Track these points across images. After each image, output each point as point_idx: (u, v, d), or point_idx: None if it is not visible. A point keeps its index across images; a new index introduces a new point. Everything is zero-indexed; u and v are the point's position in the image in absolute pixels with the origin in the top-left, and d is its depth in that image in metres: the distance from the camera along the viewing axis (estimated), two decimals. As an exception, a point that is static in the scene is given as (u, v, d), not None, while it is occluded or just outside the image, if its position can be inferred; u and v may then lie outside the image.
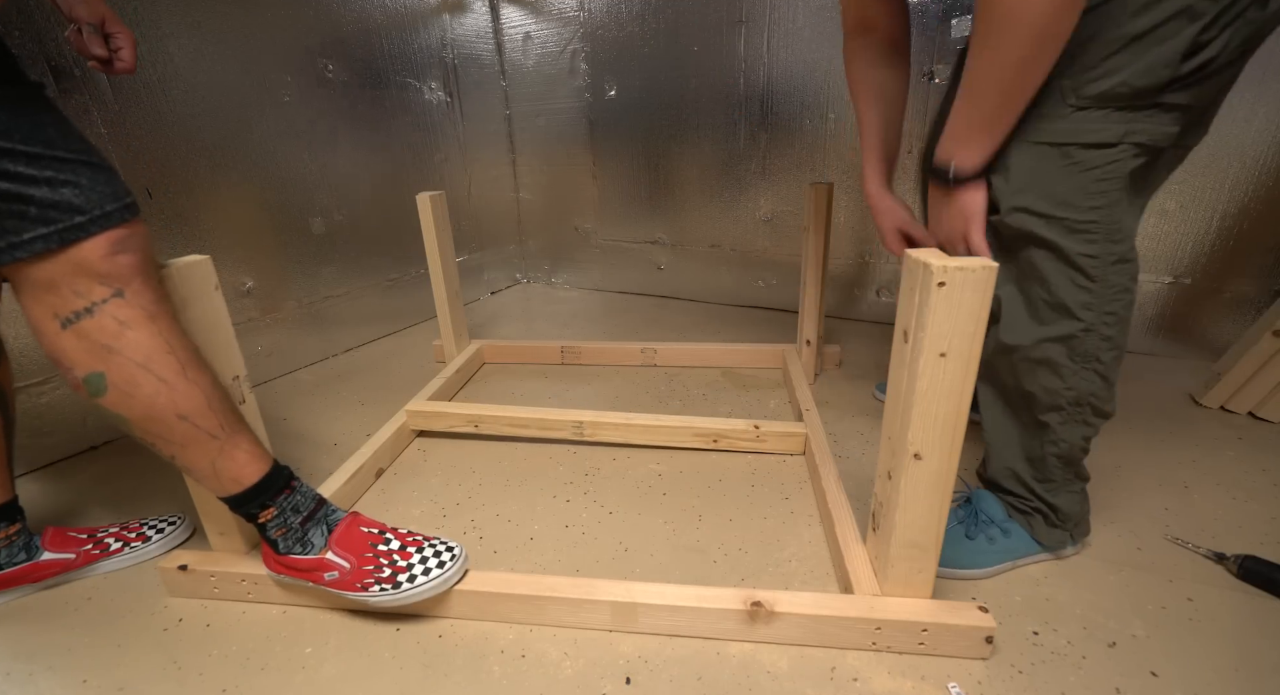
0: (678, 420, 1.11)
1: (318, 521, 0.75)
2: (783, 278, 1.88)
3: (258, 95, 1.38)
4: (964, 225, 0.71)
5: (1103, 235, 0.65)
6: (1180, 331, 1.44)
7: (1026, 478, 0.80)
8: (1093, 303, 0.68)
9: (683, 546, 0.88)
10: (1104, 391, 0.73)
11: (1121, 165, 0.62)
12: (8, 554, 0.79)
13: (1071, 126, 0.62)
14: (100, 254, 0.58)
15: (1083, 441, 0.76)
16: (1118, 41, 0.58)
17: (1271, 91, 1.21)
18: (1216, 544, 0.84)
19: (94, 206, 0.58)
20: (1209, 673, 0.66)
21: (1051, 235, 0.66)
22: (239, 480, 0.70)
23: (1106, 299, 0.68)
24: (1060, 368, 0.71)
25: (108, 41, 0.75)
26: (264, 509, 0.72)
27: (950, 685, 0.65)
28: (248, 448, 0.71)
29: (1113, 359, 0.71)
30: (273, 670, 0.70)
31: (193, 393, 0.65)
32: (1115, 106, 0.60)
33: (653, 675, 0.68)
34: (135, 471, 1.12)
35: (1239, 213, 1.31)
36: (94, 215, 0.58)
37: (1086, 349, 0.70)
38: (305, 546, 0.73)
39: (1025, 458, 0.79)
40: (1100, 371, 0.71)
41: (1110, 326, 0.69)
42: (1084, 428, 0.75)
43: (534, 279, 2.38)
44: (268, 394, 1.43)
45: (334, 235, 1.62)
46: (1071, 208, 0.65)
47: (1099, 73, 0.59)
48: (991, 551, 0.80)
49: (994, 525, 0.81)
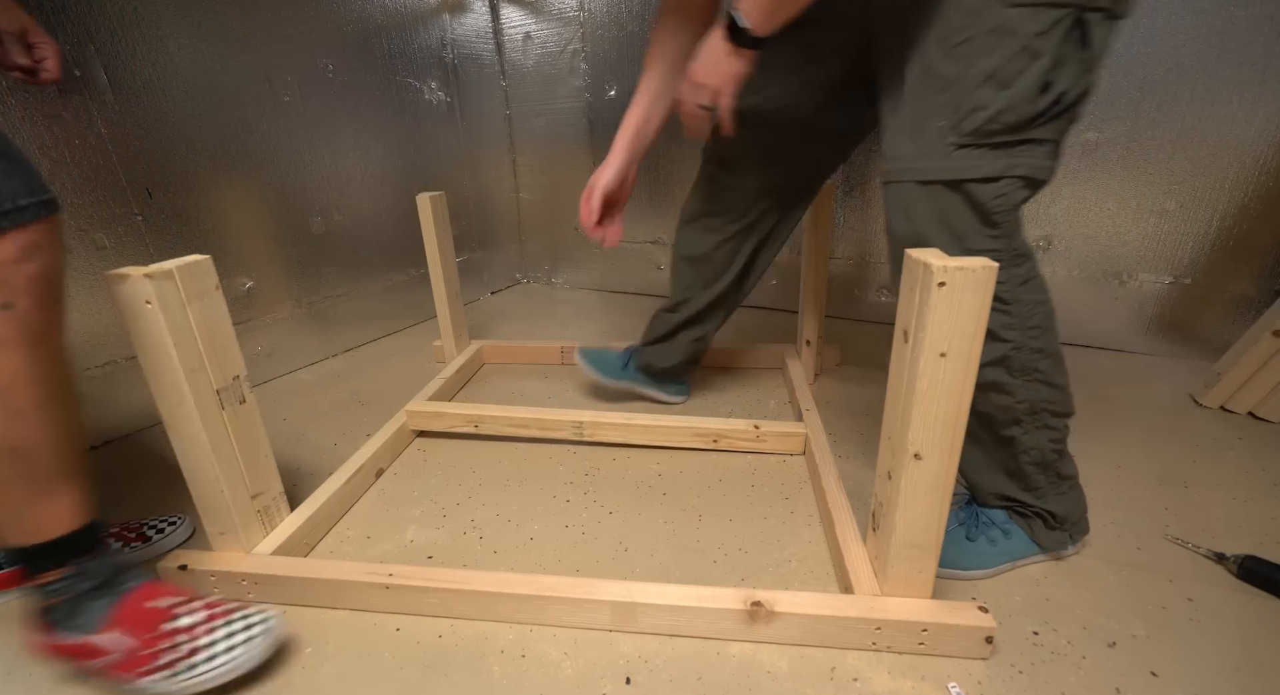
0: (677, 420, 1.11)
1: (104, 593, 0.65)
2: (783, 278, 1.88)
3: (258, 95, 1.38)
4: (724, 82, 0.75)
5: (1007, 262, 0.68)
6: (1180, 331, 1.44)
7: (1014, 492, 0.81)
8: (1014, 323, 0.71)
9: (683, 546, 0.88)
10: (1055, 395, 0.75)
11: (1010, 197, 0.67)
12: (6, 554, 0.79)
13: (958, 164, 0.66)
14: (3, 256, 0.52)
15: (1052, 444, 0.77)
16: (978, 78, 0.63)
17: (1271, 91, 1.21)
18: (1216, 544, 0.84)
19: (4, 200, 0.52)
20: (1209, 673, 0.66)
21: None
22: (40, 531, 0.61)
23: (1025, 317, 0.71)
24: (1005, 385, 0.74)
25: (32, 51, 0.73)
26: (57, 567, 0.62)
27: (950, 685, 0.65)
28: (70, 499, 0.63)
29: (1051, 366, 0.74)
30: (273, 670, 0.70)
31: (41, 429, 0.58)
32: (992, 144, 0.64)
33: (653, 675, 0.68)
34: (135, 471, 1.12)
35: (1239, 213, 1.31)
36: (4, 209, 0.52)
37: (1023, 364, 0.73)
38: (78, 622, 0.63)
39: (1005, 473, 0.81)
40: (1043, 380, 0.74)
41: (1037, 339, 0.72)
42: (1049, 431, 0.77)
43: (534, 279, 2.38)
44: (268, 394, 1.43)
45: (334, 235, 1.62)
46: (973, 240, 0.68)
47: (969, 109, 0.64)
48: (992, 553, 0.80)
49: (995, 527, 0.82)
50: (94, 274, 1.16)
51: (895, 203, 0.73)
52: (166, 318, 0.68)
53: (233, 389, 0.77)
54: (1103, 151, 1.37)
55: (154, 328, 0.68)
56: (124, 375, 1.23)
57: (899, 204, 0.72)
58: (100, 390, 1.20)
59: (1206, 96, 1.26)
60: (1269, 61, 1.20)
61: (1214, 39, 1.22)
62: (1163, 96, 1.29)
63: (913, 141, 0.69)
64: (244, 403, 0.79)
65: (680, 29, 0.92)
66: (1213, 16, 1.21)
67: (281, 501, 0.88)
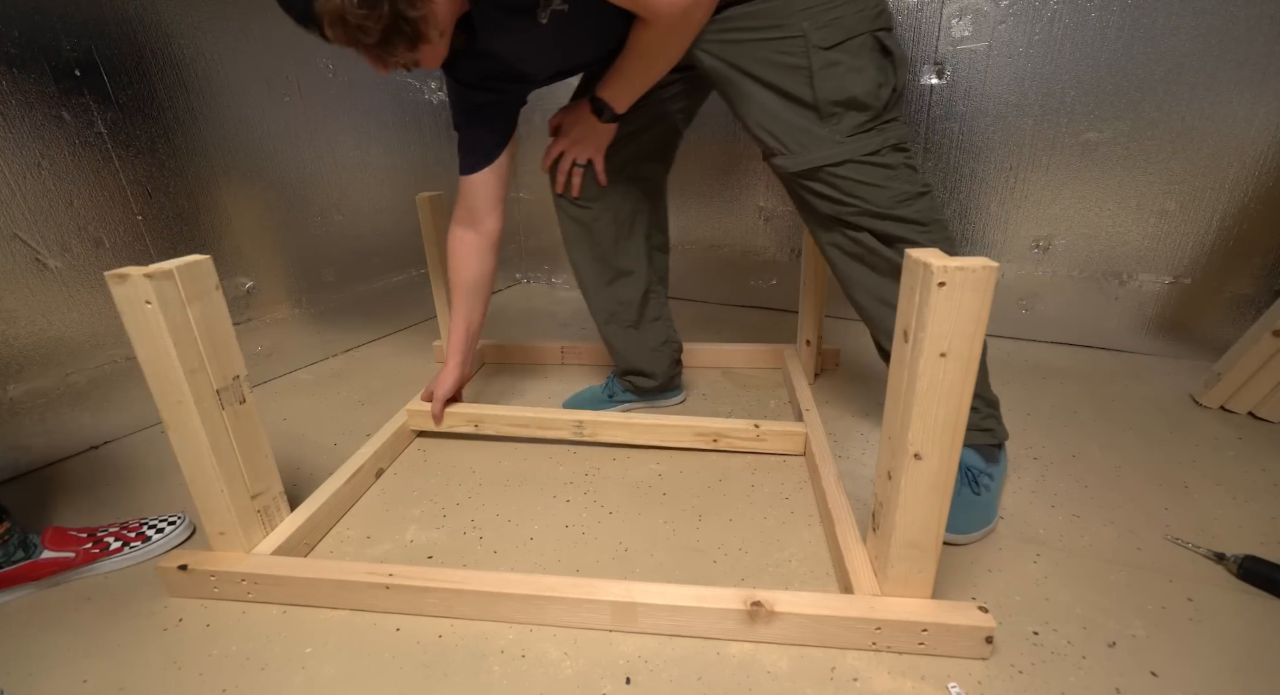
0: (678, 420, 1.11)
1: None
2: (783, 278, 1.88)
3: (258, 95, 1.38)
4: (595, 148, 1.04)
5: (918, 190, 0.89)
6: (1180, 331, 1.44)
7: None
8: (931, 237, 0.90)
9: (683, 546, 0.88)
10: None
11: (892, 156, 0.87)
12: (4, 552, 0.79)
13: (851, 147, 0.85)
14: None
15: None
16: (833, 94, 0.83)
17: (1271, 91, 1.21)
18: (1216, 544, 0.84)
19: None
20: (1209, 673, 0.66)
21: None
22: None
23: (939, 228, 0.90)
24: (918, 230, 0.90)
25: None
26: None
27: (950, 685, 0.65)
28: None
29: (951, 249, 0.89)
30: (273, 670, 0.70)
31: None
32: (865, 129, 0.85)
33: (653, 675, 0.68)
34: (135, 471, 1.12)
35: (1239, 213, 1.31)
36: None
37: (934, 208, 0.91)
38: None
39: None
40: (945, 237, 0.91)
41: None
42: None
43: (534, 279, 2.38)
44: (268, 394, 1.43)
45: (334, 235, 1.62)
46: (877, 199, 0.88)
47: (838, 101, 0.83)
48: (992, 494, 0.90)
49: (981, 471, 0.91)
50: (94, 274, 1.16)
51: (817, 184, 0.90)
52: (166, 318, 0.68)
53: (233, 389, 0.77)
54: (1103, 151, 1.37)
55: (154, 328, 0.68)
56: (124, 375, 1.23)
57: (827, 180, 0.89)
58: (100, 390, 1.20)
59: (1206, 96, 1.26)
60: (1269, 61, 1.20)
61: (1214, 39, 1.22)
62: (1163, 96, 1.29)
63: (812, 144, 0.86)
64: (244, 403, 0.79)
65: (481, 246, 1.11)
66: (1213, 16, 1.21)
67: (281, 501, 0.88)
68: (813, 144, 0.86)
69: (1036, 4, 1.32)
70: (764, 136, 0.89)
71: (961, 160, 1.50)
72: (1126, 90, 1.31)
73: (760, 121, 0.88)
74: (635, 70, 0.90)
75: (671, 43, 0.84)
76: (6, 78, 1.02)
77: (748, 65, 0.85)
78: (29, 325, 1.09)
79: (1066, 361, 1.46)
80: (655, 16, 0.79)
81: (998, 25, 1.37)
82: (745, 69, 0.86)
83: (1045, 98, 1.38)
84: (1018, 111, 1.41)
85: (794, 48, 0.82)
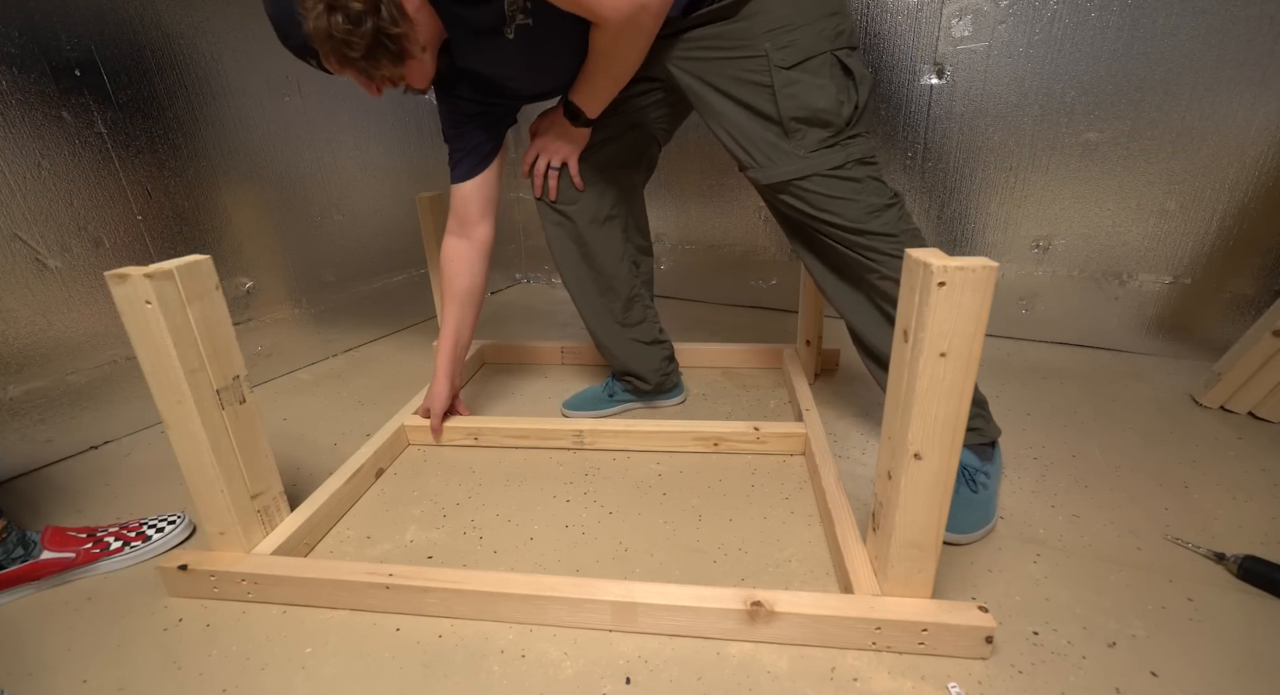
0: (678, 425, 1.11)
1: None
2: (782, 278, 1.88)
3: (258, 95, 1.38)
4: (568, 150, 1.06)
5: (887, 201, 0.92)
6: (1180, 331, 1.44)
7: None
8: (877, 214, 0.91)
9: (683, 546, 0.88)
10: None
11: (858, 170, 0.89)
12: (3, 550, 0.79)
13: (815, 163, 0.88)
14: None
15: None
16: (795, 111, 0.86)
17: (1271, 91, 1.21)
18: (1216, 544, 0.84)
19: None
20: (1209, 673, 0.66)
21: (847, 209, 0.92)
22: None
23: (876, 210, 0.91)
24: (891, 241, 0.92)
25: None
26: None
27: (950, 685, 0.65)
28: None
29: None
30: (273, 670, 0.70)
31: None
32: (828, 144, 0.87)
33: (653, 675, 0.68)
34: (135, 471, 1.12)
35: (1239, 213, 1.31)
36: None
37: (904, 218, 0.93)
38: None
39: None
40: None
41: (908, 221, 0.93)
42: None
43: (534, 279, 2.38)
44: (268, 394, 1.43)
45: (334, 235, 1.62)
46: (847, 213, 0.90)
47: (800, 117, 0.86)
48: (990, 492, 0.90)
49: (976, 469, 0.91)
50: (94, 274, 1.16)
51: (788, 198, 0.93)
52: (166, 318, 0.68)
53: (233, 389, 0.77)
54: (1103, 151, 1.37)
55: (154, 328, 0.68)
56: (124, 375, 1.23)
57: (797, 191, 0.91)
58: (100, 390, 1.20)
59: (1206, 96, 1.26)
60: (1269, 61, 1.20)
61: (1214, 39, 1.22)
62: (1163, 96, 1.29)
63: (778, 157, 0.89)
64: (244, 403, 0.79)
65: (473, 256, 1.11)
66: (1213, 16, 1.21)
67: (281, 501, 0.88)
68: (779, 158, 0.89)
69: (1036, 4, 1.32)
70: (735, 149, 0.93)
71: (961, 160, 1.50)
72: (1126, 90, 1.31)
73: (731, 134, 0.92)
74: (596, 74, 0.93)
75: (622, 45, 0.86)
76: (6, 78, 1.02)
77: (717, 82, 0.89)
78: (29, 325, 1.09)
79: (1066, 361, 1.46)
80: (603, 21, 0.81)
81: (998, 25, 1.37)
82: (715, 85, 0.90)
83: (1045, 98, 1.38)
84: (1018, 111, 1.41)
85: (757, 67, 0.85)
